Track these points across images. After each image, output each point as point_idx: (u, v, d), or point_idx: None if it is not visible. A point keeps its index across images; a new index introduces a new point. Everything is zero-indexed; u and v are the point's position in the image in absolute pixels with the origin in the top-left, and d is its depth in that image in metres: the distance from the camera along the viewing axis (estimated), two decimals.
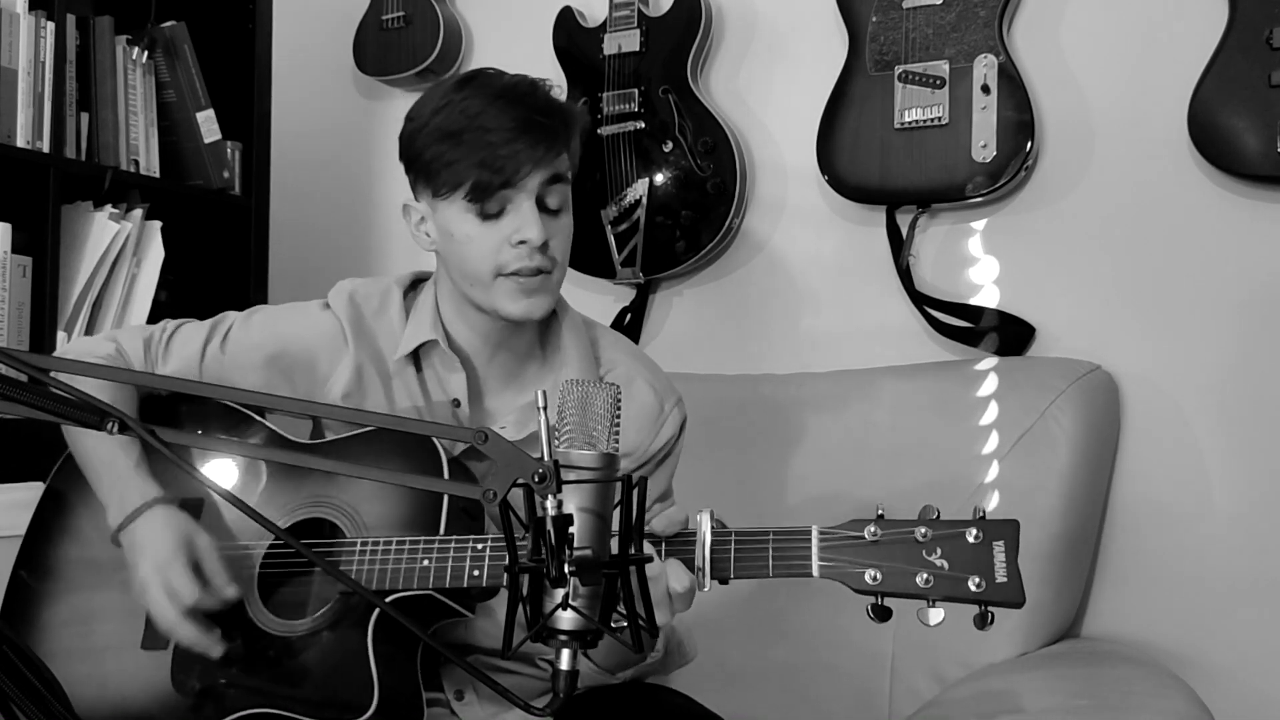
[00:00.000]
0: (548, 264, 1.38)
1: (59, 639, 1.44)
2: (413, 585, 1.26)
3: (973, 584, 1.07)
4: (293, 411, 1.46)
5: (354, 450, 1.40)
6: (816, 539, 1.12)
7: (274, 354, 1.48)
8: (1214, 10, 1.86)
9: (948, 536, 1.09)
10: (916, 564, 1.08)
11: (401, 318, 1.48)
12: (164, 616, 1.31)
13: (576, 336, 1.50)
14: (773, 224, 2.29)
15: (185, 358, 1.49)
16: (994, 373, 1.92)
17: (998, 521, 1.09)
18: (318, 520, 1.37)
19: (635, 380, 1.49)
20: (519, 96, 1.36)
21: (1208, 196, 1.92)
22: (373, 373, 1.46)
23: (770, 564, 1.14)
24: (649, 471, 1.48)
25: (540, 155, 1.34)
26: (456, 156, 1.34)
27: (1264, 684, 1.86)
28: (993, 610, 1.07)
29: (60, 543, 1.49)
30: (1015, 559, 1.08)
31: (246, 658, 1.33)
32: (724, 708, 1.43)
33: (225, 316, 1.54)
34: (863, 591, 1.10)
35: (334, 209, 2.79)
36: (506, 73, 1.41)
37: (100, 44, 2.16)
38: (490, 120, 1.33)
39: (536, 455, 0.95)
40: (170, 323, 1.55)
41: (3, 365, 0.94)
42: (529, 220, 1.35)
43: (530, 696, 1.03)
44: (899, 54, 2.06)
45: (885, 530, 1.11)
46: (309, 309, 1.52)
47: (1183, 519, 1.92)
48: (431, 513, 1.29)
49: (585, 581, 0.97)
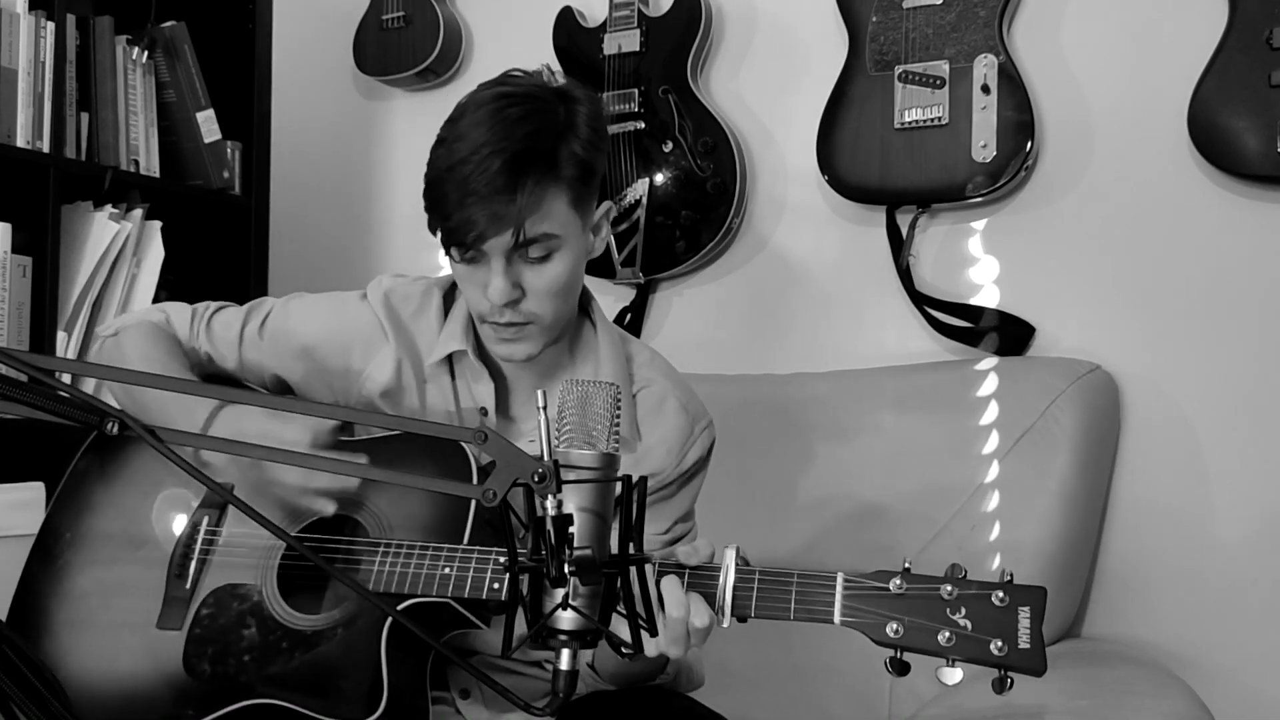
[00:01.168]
0: (519, 318, 1.35)
1: (76, 610, 1.44)
2: (431, 592, 1.26)
3: (995, 647, 1.06)
4: (293, 410, 1.46)
5: (387, 450, 1.40)
6: (841, 586, 1.12)
7: (310, 345, 1.49)
8: (1214, 10, 1.86)
9: (973, 597, 1.08)
10: (940, 621, 1.07)
11: (440, 321, 1.49)
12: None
13: (612, 350, 1.48)
14: (773, 224, 2.29)
15: (227, 341, 1.52)
16: (994, 373, 1.92)
17: (1025, 587, 1.07)
18: (342, 517, 1.37)
19: (668, 400, 1.48)
20: (500, 148, 1.27)
21: (1208, 196, 1.92)
22: (410, 373, 1.47)
23: (793, 607, 1.13)
24: (672, 492, 1.47)
25: (503, 218, 1.28)
26: (434, 200, 1.32)
27: (1264, 684, 1.86)
28: (1012, 675, 1.06)
29: (85, 515, 1.49)
30: (1040, 626, 1.06)
31: (260, 647, 1.33)
32: (725, 708, 1.43)
33: (263, 302, 1.56)
34: (883, 644, 1.09)
35: (334, 209, 2.79)
36: (524, 96, 1.33)
37: (100, 44, 2.16)
38: (468, 170, 1.27)
39: (537, 455, 0.95)
40: (211, 305, 1.56)
41: (3, 365, 0.94)
42: (494, 280, 1.32)
43: (533, 697, 1.03)
44: (899, 54, 2.06)
45: (911, 585, 1.09)
46: (347, 300, 1.53)
47: (1183, 519, 1.92)
48: (456, 521, 1.29)
49: (585, 581, 0.97)
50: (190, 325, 1.53)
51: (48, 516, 1.51)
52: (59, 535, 1.49)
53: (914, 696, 1.78)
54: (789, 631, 1.89)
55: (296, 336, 1.50)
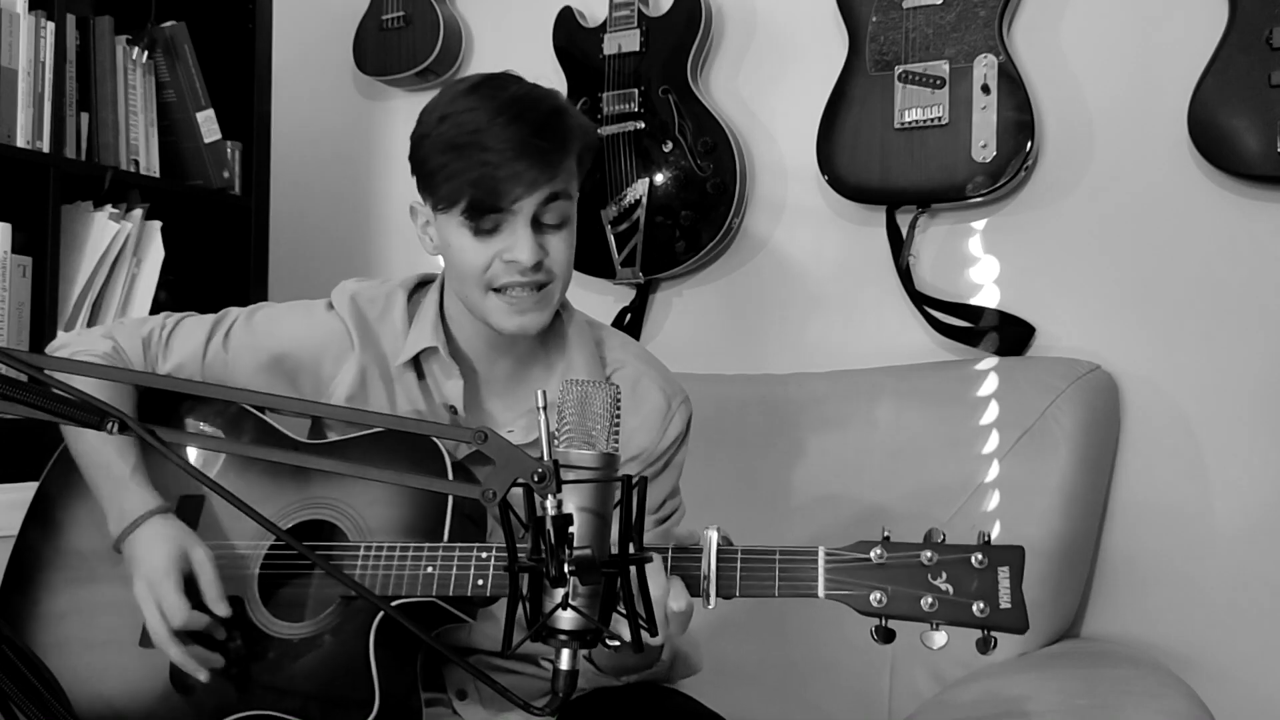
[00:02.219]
0: (544, 277, 1.38)
1: (59, 630, 1.43)
2: (416, 592, 1.25)
3: (976, 609, 1.08)
4: (293, 411, 1.46)
5: (357, 451, 1.39)
6: (823, 560, 1.13)
7: (278, 355, 1.48)
8: (1214, 10, 1.86)
9: (953, 561, 1.09)
10: (921, 587, 1.09)
11: (405, 322, 1.48)
12: (156, 633, 1.31)
13: (581, 338, 1.50)
14: (773, 224, 2.29)
15: (187, 354, 1.49)
16: (994, 373, 1.92)
17: (1003, 547, 1.09)
18: (318, 522, 1.37)
19: (642, 380, 1.49)
20: (520, 113, 1.33)
21: (1208, 196, 1.92)
22: (376, 376, 1.46)
23: (776, 584, 1.14)
24: (657, 471, 1.47)
25: (535, 178, 1.33)
26: (454, 172, 1.33)
27: (1264, 684, 1.86)
28: (995, 635, 1.08)
29: (59, 533, 1.48)
30: (1020, 585, 1.08)
31: (246, 659, 1.33)
32: (724, 707, 1.43)
33: (228, 313, 1.53)
34: (867, 613, 1.10)
35: (334, 209, 2.79)
36: (515, 80, 1.40)
37: (100, 44, 2.16)
38: (490, 138, 1.31)
39: (536, 455, 0.95)
40: (170, 317, 1.54)
41: (3, 365, 0.94)
42: (521, 241, 1.34)
43: (531, 696, 1.03)
44: (899, 54, 2.06)
45: (891, 553, 1.11)
46: (313, 309, 1.52)
47: (1183, 519, 1.92)
48: (435, 518, 1.29)
49: (585, 581, 0.97)
50: (146, 350, 1.50)
51: (18, 538, 1.49)
52: (33, 556, 1.48)
53: (914, 696, 1.78)
54: (788, 630, 1.89)
55: (264, 348, 1.48)
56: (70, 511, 1.49)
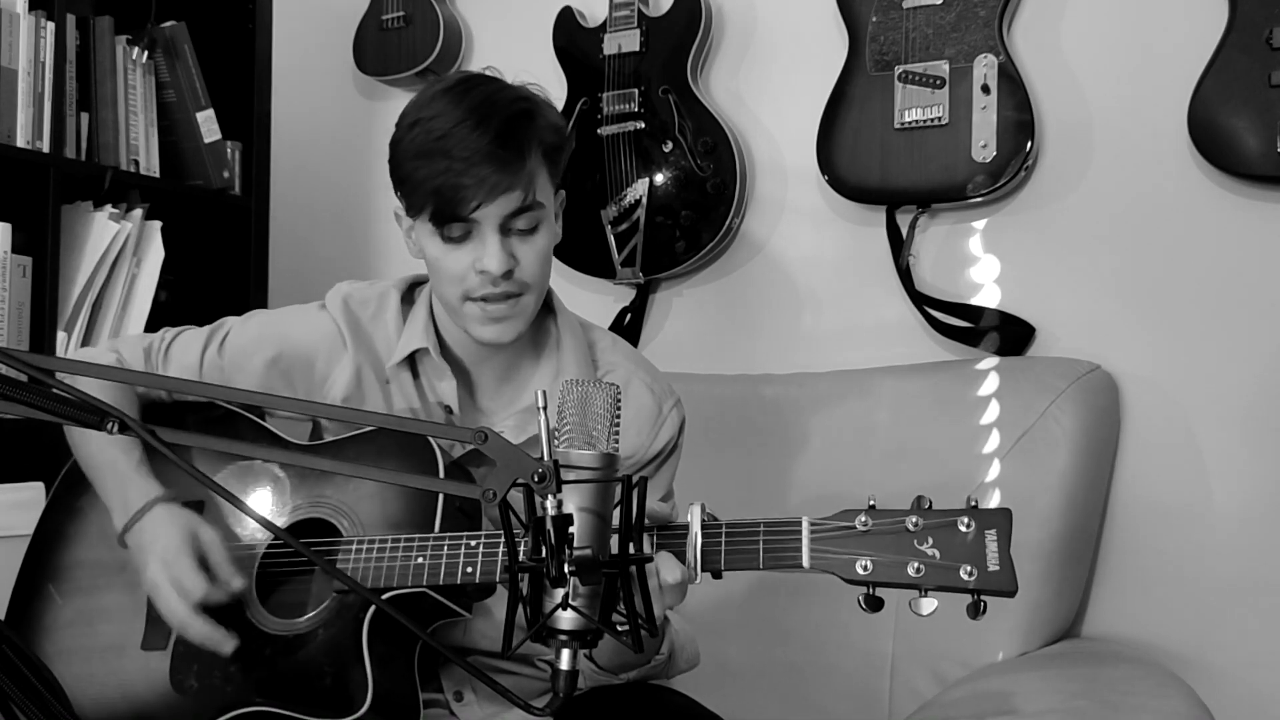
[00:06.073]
0: (515, 288, 1.36)
1: (62, 639, 1.44)
2: (407, 582, 1.26)
3: (964, 573, 1.07)
4: (293, 411, 1.47)
5: (353, 451, 1.40)
6: (807, 530, 1.12)
7: (273, 357, 1.49)
8: (1214, 10, 1.86)
9: (939, 526, 1.09)
10: (908, 554, 1.08)
11: (398, 323, 1.48)
12: (175, 613, 1.31)
13: (574, 338, 1.50)
14: (772, 224, 2.29)
15: (185, 366, 1.50)
16: (994, 373, 1.92)
17: (990, 511, 1.09)
18: (315, 520, 1.38)
19: (633, 382, 1.49)
20: (485, 116, 1.30)
21: (1208, 196, 1.92)
22: (371, 376, 1.47)
23: (761, 555, 1.13)
24: (649, 473, 1.47)
25: (496, 183, 1.30)
26: (420, 180, 1.32)
27: (1264, 684, 1.86)
28: (985, 599, 1.07)
29: (66, 546, 1.50)
30: (1008, 548, 1.07)
31: (244, 656, 1.33)
32: (724, 708, 1.43)
33: (224, 322, 1.55)
34: (854, 582, 1.09)
35: (334, 209, 2.79)
36: (487, 80, 1.37)
37: (100, 44, 2.16)
38: (453, 144, 1.30)
39: (536, 455, 0.95)
40: (169, 331, 1.55)
41: (3, 365, 0.94)
42: (490, 250, 1.33)
43: (530, 696, 1.04)
44: (899, 54, 2.06)
45: (876, 520, 1.10)
46: (306, 311, 1.53)
47: (1183, 519, 1.92)
48: (427, 512, 1.30)
49: (585, 581, 0.97)
50: (147, 360, 1.51)
51: (27, 554, 1.51)
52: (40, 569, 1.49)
53: (914, 696, 1.78)
54: (789, 631, 1.90)
55: (258, 352, 1.49)
56: (76, 524, 1.50)
